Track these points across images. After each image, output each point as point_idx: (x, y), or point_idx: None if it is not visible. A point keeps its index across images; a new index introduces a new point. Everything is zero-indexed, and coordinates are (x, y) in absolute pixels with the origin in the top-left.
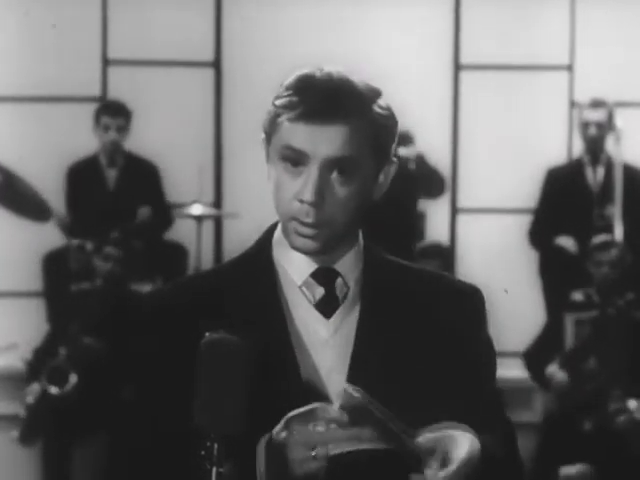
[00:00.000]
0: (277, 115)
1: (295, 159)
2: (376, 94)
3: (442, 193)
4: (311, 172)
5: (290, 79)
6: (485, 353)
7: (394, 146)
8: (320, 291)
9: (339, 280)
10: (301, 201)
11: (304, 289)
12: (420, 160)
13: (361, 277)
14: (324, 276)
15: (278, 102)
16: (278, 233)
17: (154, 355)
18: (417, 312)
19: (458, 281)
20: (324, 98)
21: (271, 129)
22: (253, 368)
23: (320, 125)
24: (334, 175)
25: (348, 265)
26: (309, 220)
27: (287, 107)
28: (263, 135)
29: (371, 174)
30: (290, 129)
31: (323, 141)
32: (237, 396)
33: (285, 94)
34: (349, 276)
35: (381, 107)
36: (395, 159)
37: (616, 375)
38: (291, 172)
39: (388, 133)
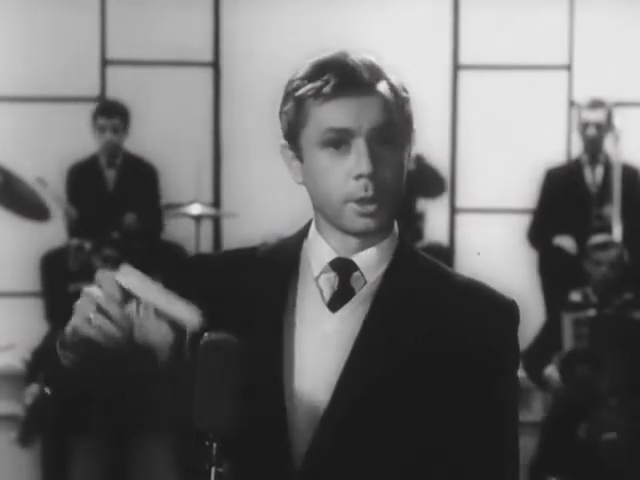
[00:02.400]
0: (302, 105)
1: (338, 140)
2: (387, 70)
3: (442, 193)
4: (359, 146)
5: (302, 70)
6: (506, 379)
7: (414, 125)
8: (336, 281)
9: (356, 273)
10: (358, 176)
11: (320, 279)
12: (419, 160)
13: (383, 272)
14: (341, 266)
15: (300, 92)
16: (313, 227)
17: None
18: (435, 319)
19: (494, 293)
20: (351, 69)
21: (299, 123)
22: (251, 367)
23: (356, 96)
24: (381, 144)
25: (372, 258)
26: (369, 194)
27: (314, 90)
28: (284, 141)
29: (405, 142)
30: (324, 112)
31: (362, 112)
32: (235, 396)
33: (306, 81)
34: (371, 269)
35: (397, 81)
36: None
37: (614, 375)
38: (336, 155)
39: (409, 107)
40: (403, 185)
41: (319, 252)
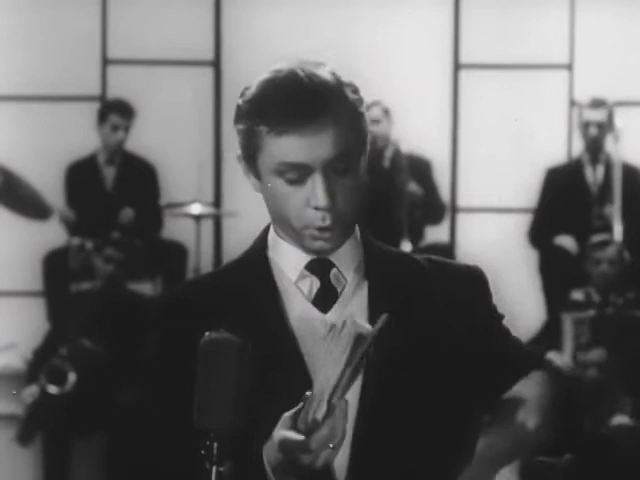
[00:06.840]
0: (254, 131)
1: (294, 172)
2: (344, 82)
3: (441, 219)
4: (316, 178)
5: (254, 88)
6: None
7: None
8: (316, 283)
9: (334, 271)
10: (316, 208)
11: (299, 284)
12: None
13: (361, 269)
14: (318, 267)
15: (252, 118)
16: (272, 233)
17: (161, 357)
18: (427, 300)
19: (460, 264)
20: (302, 100)
21: (253, 147)
22: (252, 367)
23: (309, 130)
24: (336, 173)
25: (344, 256)
26: (327, 224)
27: (266, 122)
28: (239, 152)
29: (360, 158)
30: (277, 146)
31: (316, 146)
32: (236, 395)
33: (257, 106)
34: (345, 268)
35: (353, 92)
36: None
37: (615, 374)
38: (293, 183)
39: (362, 114)
40: (359, 203)
41: (289, 256)
